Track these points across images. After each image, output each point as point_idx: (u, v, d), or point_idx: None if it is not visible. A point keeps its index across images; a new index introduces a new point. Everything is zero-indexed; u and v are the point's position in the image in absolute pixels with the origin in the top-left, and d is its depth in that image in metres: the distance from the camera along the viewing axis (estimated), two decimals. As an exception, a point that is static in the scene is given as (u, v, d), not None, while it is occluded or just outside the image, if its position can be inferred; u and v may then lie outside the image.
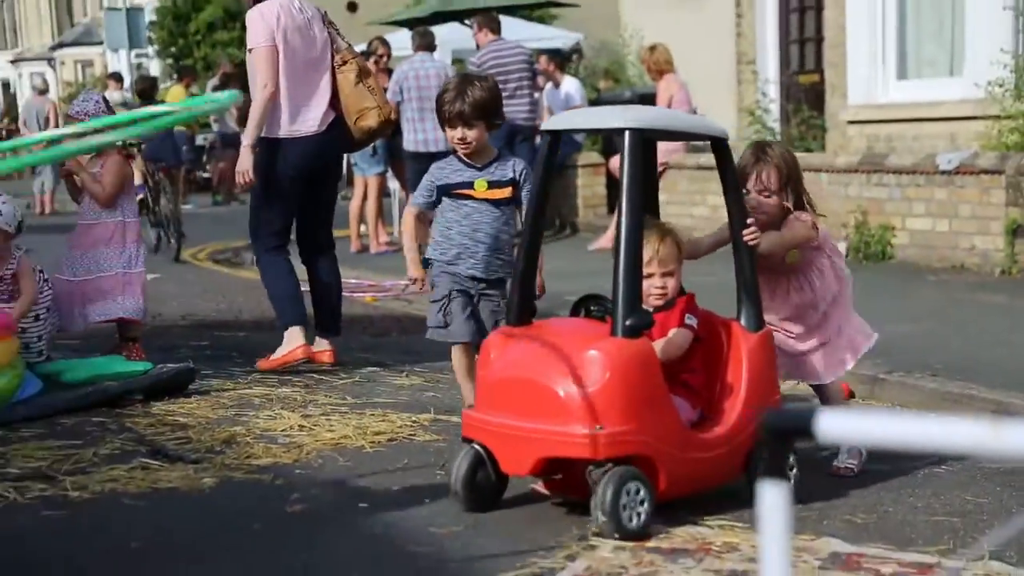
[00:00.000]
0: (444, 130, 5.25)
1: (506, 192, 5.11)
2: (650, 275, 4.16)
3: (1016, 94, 9.32)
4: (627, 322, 3.91)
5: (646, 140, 4.27)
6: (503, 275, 5.09)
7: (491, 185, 5.09)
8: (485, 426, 4.12)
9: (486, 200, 5.10)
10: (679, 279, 4.31)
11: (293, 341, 6.54)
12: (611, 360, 3.90)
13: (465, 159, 5.15)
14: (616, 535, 3.78)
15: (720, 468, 4.17)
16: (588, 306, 4.41)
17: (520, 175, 5.14)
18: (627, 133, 4.08)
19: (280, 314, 6.71)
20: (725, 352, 4.30)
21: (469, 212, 5.11)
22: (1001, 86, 9.52)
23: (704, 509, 4.16)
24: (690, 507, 4.17)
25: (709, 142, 4.65)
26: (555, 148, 4.49)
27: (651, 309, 4.13)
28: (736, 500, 4.21)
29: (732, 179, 4.43)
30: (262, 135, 6.53)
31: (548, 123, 5.23)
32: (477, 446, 4.13)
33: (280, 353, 6.57)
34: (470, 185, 5.08)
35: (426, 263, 5.18)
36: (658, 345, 4.09)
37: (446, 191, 5.13)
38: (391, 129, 7.18)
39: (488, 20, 12.40)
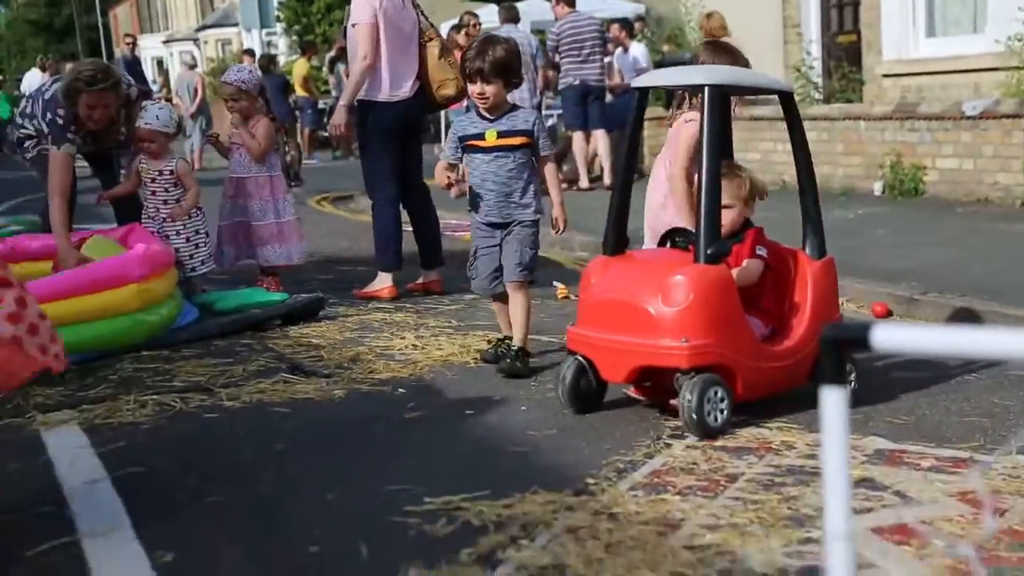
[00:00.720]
0: (466, 85, 5.10)
1: (517, 140, 4.91)
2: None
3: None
4: (708, 251, 3.98)
5: (723, 94, 4.27)
6: (523, 218, 4.91)
7: (501, 135, 4.91)
8: (587, 340, 4.20)
9: (496, 148, 4.91)
10: (740, 212, 4.32)
11: (382, 282, 6.73)
12: (695, 283, 3.95)
13: (483, 113, 4.98)
14: (700, 432, 3.81)
15: (789, 375, 4.19)
16: (673, 238, 4.40)
17: (534, 126, 4.96)
18: (706, 88, 4.10)
19: (379, 257, 6.81)
20: (792, 277, 4.35)
21: (479, 163, 4.96)
22: (1020, 40, 9.32)
23: (765, 413, 4.13)
24: (753, 411, 4.13)
25: (776, 96, 4.61)
26: (643, 103, 4.49)
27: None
28: (793, 405, 4.18)
29: (799, 127, 4.47)
30: (366, 99, 6.61)
31: (637, 81, 5.17)
32: (580, 357, 4.20)
33: (370, 288, 6.75)
34: (482, 136, 4.93)
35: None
36: (735, 272, 4.10)
37: (464, 142, 5.00)
38: (464, 97, 7.21)
39: None
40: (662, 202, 4.79)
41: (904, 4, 11.69)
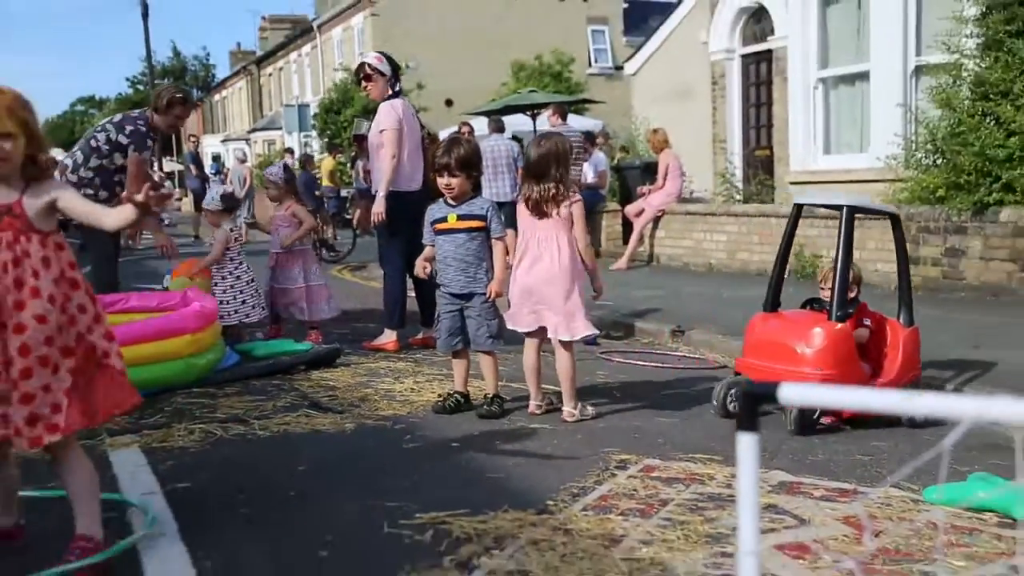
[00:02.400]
0: (434, 177, 5.00)
1: (474, 223, 4.85)
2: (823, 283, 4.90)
3: (905, 165, 9.24)
4: (838, 313, 4.60)
5: (853, 214, 4.83)
6: (480, 290, 4.80)
7: (460, 218, 4.86)
8: (751, 366, 4.75)
9: (456, 230, 4.85)
10: (856, 293, 4.88)
11: (388, 337, 6.70)
12: (827, 335, 4.56)
13: (449, 201, 4.92)
14: (798, 428, 4.36)
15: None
16: (811, 304, 4.95)
17: (487, 211, 4.90)
18: (844, 209, 4.75)
19: (388, 317, 6.77)
20: (889, 337, 4.87)
21: (443, 243, 4.90)
22: (895, 159, 9.45)
23: (693, 449, 4.10)
24: (683, 448, 4.11)
25: (887, 216, 5.48)
26: (798, 213, 5.19)
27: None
28: (715, 443, 4.16)
29: (901, 240, 5.11)
30: (393, 190, 6.61)
31: (798, 198, 5.56)
32: (742, 378, 4.72)
33: (379, 341, 6.72)
34: (445, 219, 4.89)
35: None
36: (855, 333, 4.70)
37: (433, 225, 4.94)
38: None
39: (558, 109, 12.44)
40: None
41: (807, 128, 11.83)
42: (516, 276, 4.76)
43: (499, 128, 12.36)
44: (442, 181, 4.89)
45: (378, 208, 6.59)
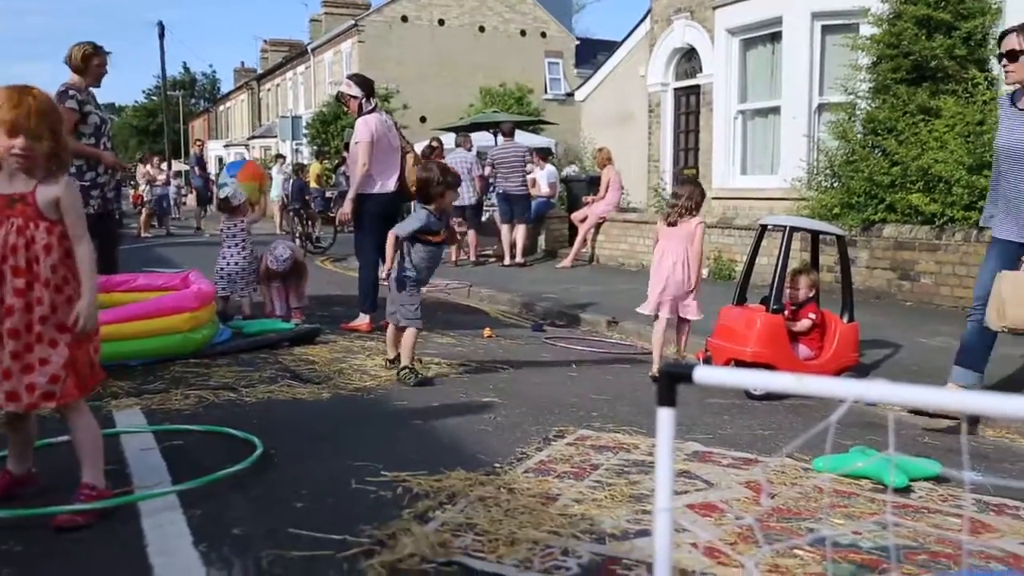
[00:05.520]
0: (442, 191, 5.01)
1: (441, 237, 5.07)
2: (797, 290, 5.16)
3: (807, 186, 9.34)
4: (774, 307, 4.95)
5: (792, 231, 5.11)
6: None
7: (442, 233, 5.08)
8: (713, 345, 5.16)
9: (440, 243, 5.09)
10: (807, 292, 5.19)
11: (362, 319, 6.64)
12: (762, 322, 4.93)
13: (438, 216, 5.01)
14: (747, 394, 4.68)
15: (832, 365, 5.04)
16: (766, 303, 5.06)
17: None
18: (787, 228, 5.06)
19: (361, 302, 6.71)
20: (833, 329, 5.16)
21: (428, 250, 5.01)
22: (799, 181, 9.55)
23: (622, 422, 4.11)
24: (614, 421, 4.12)
25: (834, 236, 5.54)
26: (761, 235, 5.38)
27: (797, 304, 5.15)
28: (640, 418, 4.17)
29: (845, 256, 5.33)
30: (363, 193, 6.55)
31: (763, 219, 5.61)
32: (707, 351, 5.18)
33: (354, 323, 6.65)
34: (438, 233, 5.03)
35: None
36: (799, 324, 5.08)
37: (423, 234, 4.96)
38: None
39: (507, 127, 12.38)
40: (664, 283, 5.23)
41: (727, 151, 11.90)
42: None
43: (464, 144, 12.30)
44: (447, 199, 5.02)
45: (344, 209, 6.65)
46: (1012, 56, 4.00)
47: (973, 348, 4.22)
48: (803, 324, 5.11)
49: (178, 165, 36.55)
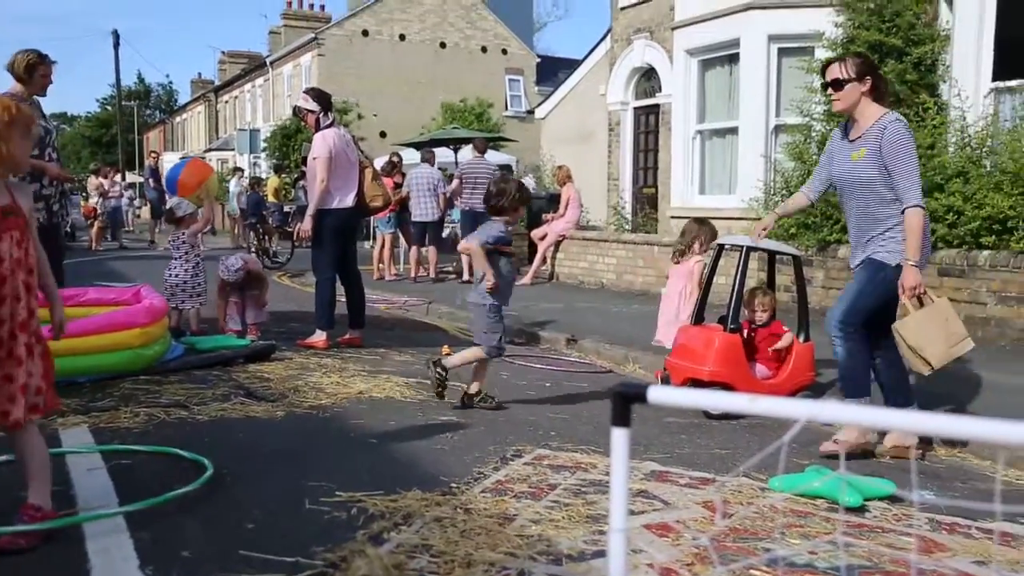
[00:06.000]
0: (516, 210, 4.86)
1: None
2: (754, 311, 5.18)
3: (764, 206, 9.48)
4: (731, 327, 4.97)
5: (748, 251, 5.05)
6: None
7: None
8: (672, 365, 5.11)
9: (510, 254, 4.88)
10: (771, 313, 5.24)
11: (319, 336, 6.57)
12: (719, 342, 4.93)
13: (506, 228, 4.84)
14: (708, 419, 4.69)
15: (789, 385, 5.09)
16: (723, 322, 5.07)
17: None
18: (744, 248, 5.00)
19: (318, 319, 6.64)
20: (789, 349, 5.16)
21: (504, 263, 4.81)
22: (756, 201, 9.68)
23: (579, 441, 4.11)
24: (572, 440, 4.11)
25: (791, 257, 5.39)
26: (718, 256, 5.33)
27: (756, 324, 5.19)
28: (599, 438, 4.17)
29: (801, 278, 5.26)
30: (322, 208, 6.49)
31: (722, 239, 5.61)
32: (665, 371, 5.16)
33: (310, 339, 6.58)
34: (511, 243, 4.90)
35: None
36: (780, 343, 5.12)
37: (499, 244, 4.77)
38: (392, 209, 7.27)
39: (481, 142, 12.31)
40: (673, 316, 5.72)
41: (686, 171, 12.02)
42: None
43: (429, 159, 12.29)
44: (520, 214, 4.95)
45: (304, 226, 6.60)
46: (836, 85, 4.05)
47: (855, 374, 4.09)
48: (786, 339, 5.12)
49: (132, 177, 35.94)
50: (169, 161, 42.18)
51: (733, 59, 11.25)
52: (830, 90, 4.12)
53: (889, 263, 4.02)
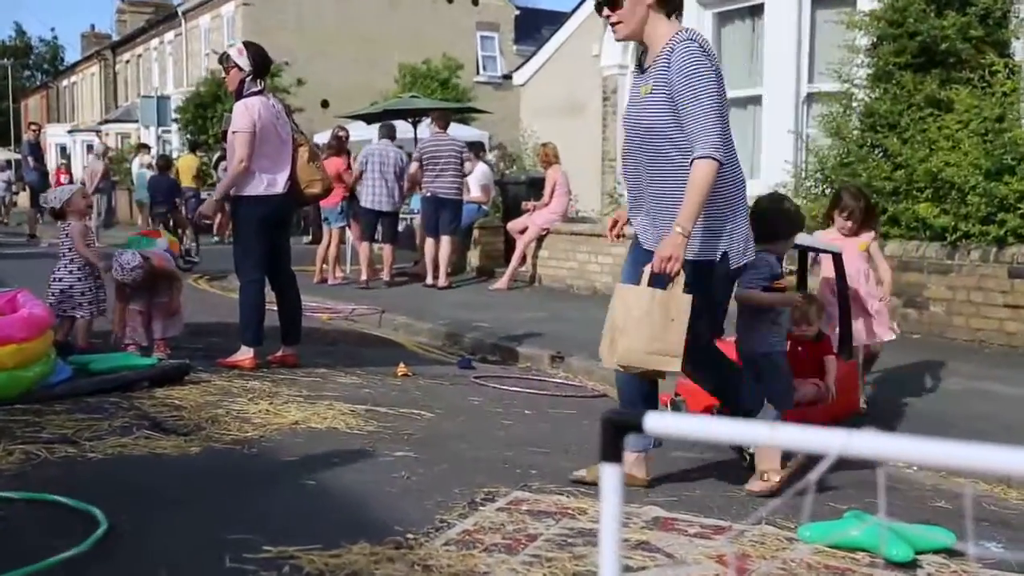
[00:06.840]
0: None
1: None
2: (811, 323, 5.03)
3: (795, 193, 9.57)
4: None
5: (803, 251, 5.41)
6: None
7: None
8: (684, 387, 4.85)
9: None
10: (816, 325, 5.10)
11: (244, 354, 6.57)
12: None
13: None
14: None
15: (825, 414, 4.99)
16: None
17: None
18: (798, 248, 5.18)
19: (243, 332, 6.64)
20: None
21: None
22: (785, 186, 9.77)
23: (566, 482, 4.13)
24: (556, 480, 4.13)
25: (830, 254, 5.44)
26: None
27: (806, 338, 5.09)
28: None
29: (843, 278, 5.30)
30: (245, 194, 6.50)
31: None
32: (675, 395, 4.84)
33: (234, 358, 6.58)
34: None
35: None
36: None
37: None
38: (327, 195, 7.35)
39: (441, 117, 12.32)
40: None
41: (698, 150, 12.09)
42: None
43: (390, 135, 12.31)
44: (792, 243, 5.00)
45: (204, 210, 6.70)
46: (612, 3, 3.93)
47: (632, 395, 4.12)
48: (831, 366, 5.01)
49: (6, 154, 35.64)
50: (53, 135, 41.98)
51: (756, 11, 11.36)
52: (606, 11, 3.97)
53: (712, 248, 3.94)
